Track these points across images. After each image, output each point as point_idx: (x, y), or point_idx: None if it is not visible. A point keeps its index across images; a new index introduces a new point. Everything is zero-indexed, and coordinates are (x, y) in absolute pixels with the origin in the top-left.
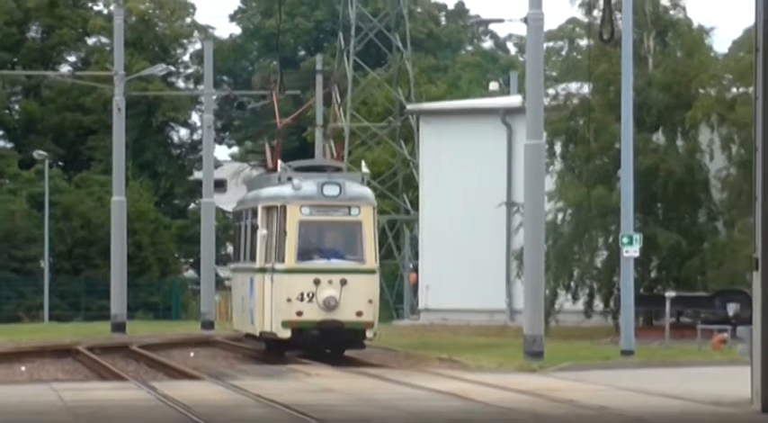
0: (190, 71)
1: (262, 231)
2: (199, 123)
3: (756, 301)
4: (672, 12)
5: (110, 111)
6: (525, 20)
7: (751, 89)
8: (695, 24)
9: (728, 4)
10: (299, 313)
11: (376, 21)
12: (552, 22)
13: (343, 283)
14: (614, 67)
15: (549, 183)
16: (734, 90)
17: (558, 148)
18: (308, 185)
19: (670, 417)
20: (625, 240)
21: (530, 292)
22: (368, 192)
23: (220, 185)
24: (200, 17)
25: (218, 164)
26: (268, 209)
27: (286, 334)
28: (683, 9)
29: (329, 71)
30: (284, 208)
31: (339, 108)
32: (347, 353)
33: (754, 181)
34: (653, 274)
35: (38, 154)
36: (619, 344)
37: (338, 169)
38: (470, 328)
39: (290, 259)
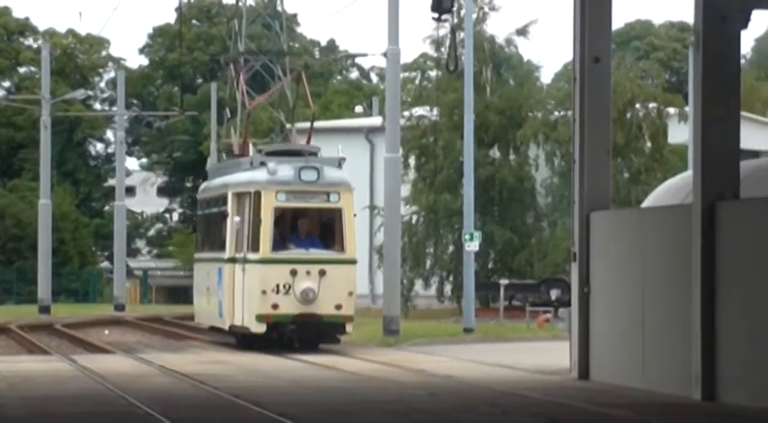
0: (105, 95)
1: (235, 218)
2: (113, 139)
3: (574, 287)
4: (506, 49)
5: (38, 128)
6: (385, 54)
7: (569, 113)
8: (525, 59)
9: (551, 43)
10: (275, 306)
11: (261, 54)
12: (407, 56)
13: (322, 273)
14: (458, 94)
15: (405, 190)
16: (556, 113)
17: (412, 161)
18: (284, 170)
19: (503, 382)
20: (467, 237)
21: (388, 280)
22: (346, 177)
23: (130, 191)
24: (114, 50)
25: (128, 173)
26: (239, 195)
27: (260, 328)
28: (516, 47)
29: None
30: (258, 194)
31: (230, 126)
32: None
33: (572, 188)
34: (490, 265)
35: None
36: (462, 323)
37: (314, 153)
38: None
39: (265, 248)
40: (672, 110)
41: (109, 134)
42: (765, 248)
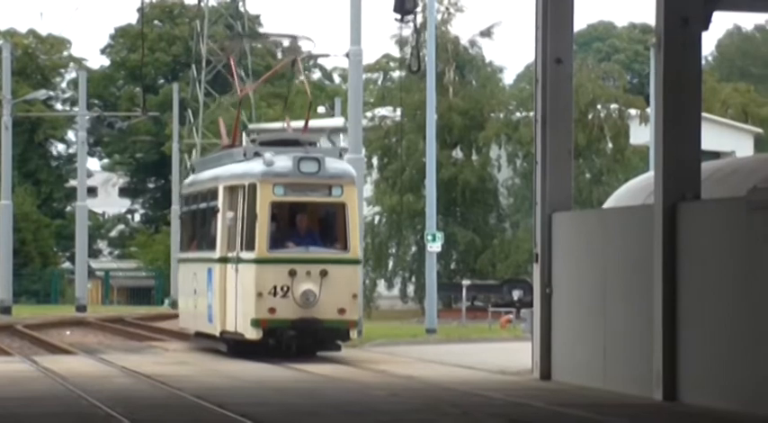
0: (66, 96)
1: (228, 214)
2: (74, 139)
3: (536, 288)
4: (470, 50)
5: None
6: (347, 55)
7: (531, 114)
8: (488, 61)
9: (514, 44)
10: (272, 310)
11: (223, 55)
12: (370, 57)
13: (324, 274)
14: (421, 95)
15: (368, 191)
16: (518, 114)
17: (375, 161)
18: (282, 161)
19: (465, 383)
20: (429, 238)
21: None
22: (350, 169)
23: (92, 192)
24: (76, 51)
25: (90, 174)
26: (232, 189)
27: (256, 334)
28: (479, 48)
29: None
30: (254, 187)
31: (194, 126)
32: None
33: (534, 189)
34: (453, 266)
35: None
36: (424, 324)
37: (312, 143)
38: None
39: (261, 247)
40: (633, 111)
41: (70, 135)
42: (726, 249)
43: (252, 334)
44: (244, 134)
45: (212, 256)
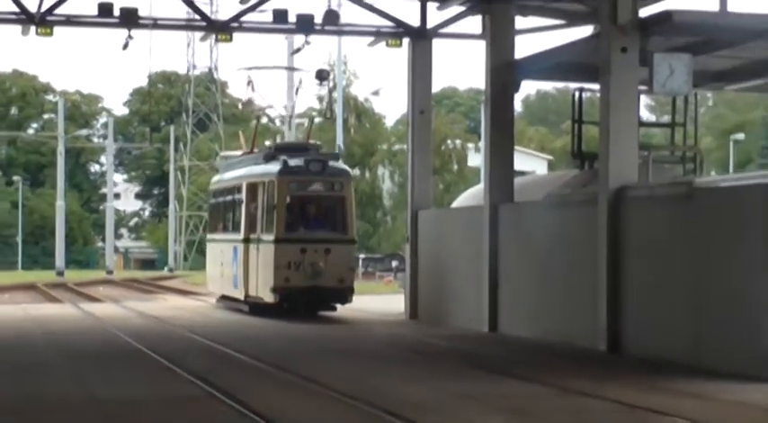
0: (100, 133)
1: (252, 205)
2: (105, 162)
3: (407, 259)
4: (364, 104)
5: (55, 155)
6: (285, 107)
7: (405, 146)
8: (376, 111)
9: (393, 99)
10: (287, 280)
11: (203, 106)
12: (300, 107)
13: (327, 252)
14: (333, 133)
15: None
16: (397, 146)
17: None
18: (295, 162)
19: (362, 322)
20: None
21: None
22: (348, 169)
23: (117, 196)
24: (106, 103)
25: (115, 184)
26: (254, 185)
27: (274, 298)
28: (371, 102)
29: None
30: (273, 183)
31: (184, 153)
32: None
33: (407, 195)
34: None
35: (16, 178)
36: None
37: (318, 149)
38: None
39: (279, 230)
40: (470, 144)
41: (103, 158)
42: (529, 233)
43: (270, 298)
44: (267, 143)
45: (237, 238)
